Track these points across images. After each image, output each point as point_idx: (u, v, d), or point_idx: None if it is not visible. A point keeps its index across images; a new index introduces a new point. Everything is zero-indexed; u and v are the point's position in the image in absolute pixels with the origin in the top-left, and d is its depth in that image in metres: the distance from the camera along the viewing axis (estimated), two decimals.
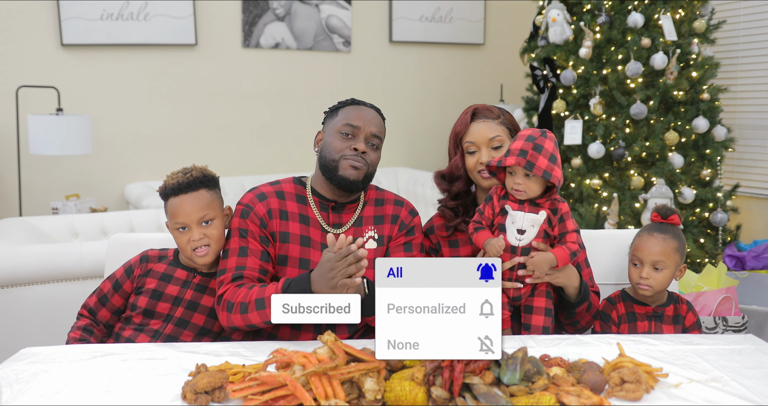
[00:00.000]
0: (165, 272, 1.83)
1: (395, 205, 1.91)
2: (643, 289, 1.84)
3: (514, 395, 1.24)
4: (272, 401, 1.23)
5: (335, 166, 1.79)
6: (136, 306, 1.82)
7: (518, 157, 1.68)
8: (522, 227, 1.72)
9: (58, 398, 1.30)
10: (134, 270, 1.85)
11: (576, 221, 3.59)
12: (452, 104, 5.45)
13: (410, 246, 1.88)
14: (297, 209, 1.84)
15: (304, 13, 4.95)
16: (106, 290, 1.85)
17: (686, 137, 3.71)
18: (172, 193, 1.79)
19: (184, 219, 1.78)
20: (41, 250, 2.57)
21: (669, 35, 3.62)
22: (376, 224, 1.87)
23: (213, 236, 1.79)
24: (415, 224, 1.91)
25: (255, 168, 4.92)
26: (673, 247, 1.83)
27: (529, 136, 1.71)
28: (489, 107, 1.92)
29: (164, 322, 1.81)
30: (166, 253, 1.88)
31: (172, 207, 1.79)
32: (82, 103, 4.36)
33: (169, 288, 1.81)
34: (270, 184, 1.88)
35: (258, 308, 1.67)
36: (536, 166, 1.67)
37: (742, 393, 1.34)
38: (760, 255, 3.33)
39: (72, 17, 4.26)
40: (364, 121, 1.83)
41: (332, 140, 1.82)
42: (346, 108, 1.87)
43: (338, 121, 1.84)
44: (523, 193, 1.72)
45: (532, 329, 1.75)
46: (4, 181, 4.25)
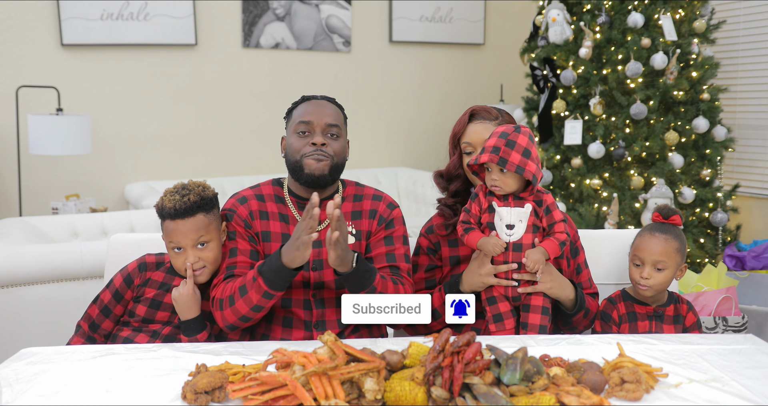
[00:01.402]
0: (163, 281, 1.82)
1: (373, 199, 1.92)
2: (644, 289, 1.84)
3: (514, 395, 1.24)
4: (272, 401, 1.23)
5: (299, 166, 1.80)
6: (135, 313, 1.82)
7: (491, 154, 1.70)
8: (510, 222, 1.74)
9: (58, 398, 1.30)
10: (134, 279, 1.83)
11: (576, 220, 3.60)
12: (452, 104, 5.45)
13: (391, 239, 1.88)
14: (276, 209, 1.87)
15: (304, 13, 4.95)
16: (107, 300, 1.83)
17: (686, 137, 3.71)
18: (168, 216, 1.78)
19: (179, 241, 1.77)
20: (41, 250, 2.57)
21: (669, 35, 3.62)
22: (354, 219, 1.88)
23: (209, 258, 1.78)
24: (394, 217, 1.91)
25: (255, 168, 4.92)
26: (674, 247, 1.84)
27: (502, 133, 1.73)
28: (487, 109, 1.93)
29: (163, 325, 1.81)
30: (163, 259, 1.87)
31: (168, 229, 1.78)
32: (82, 103, 4.37)
33: (167, 297, 1.81)
34: (250, 188, 1.92)
35: (242, 295, 1.68)
36: (509, 161, 1.69)
37: (742, 393, 1.34)
38: (760, 255, 3.33)
39: (72, 17, 4.26)
40: (316, 114, 1.82)
41: (292, 141, 1.83)
42: (298, 107, 1.87)
43: (293, 121, 1.85)
44: (500, 189, 1.74)
45: (529, 328, 1.76)
46: (4, 181, 4.25)
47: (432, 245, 1.95)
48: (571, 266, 1.93)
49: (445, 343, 1.26)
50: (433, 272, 1.96)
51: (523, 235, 1.73)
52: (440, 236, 1.95)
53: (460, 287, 1.81)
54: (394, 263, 1.86)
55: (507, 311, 1.76)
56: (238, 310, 1.70)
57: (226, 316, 1.72)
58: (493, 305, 1.77)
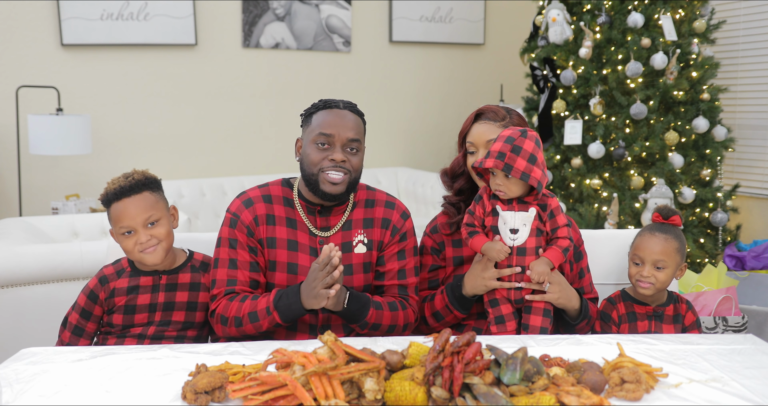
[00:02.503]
0: (129, 285, 1.79)
1: (386, 207, 1.88)
2: (644, 287, 1.84)
3: (514, 395, 1.24)
4: (272, 401, 1.23)
5: (315, 179, 1.75)
6: (114, 324, 1.80)
7: (496, 159, 1.68)
8: (514, 226, 1.73)
9: (58, 398, 1.30)
10: (98, 294, 1.80)
11: (576, 220, 3.60)
12: (452, 104, 5.45)
13: (404, 254, 1.87)
14: (284, 213, 1.82)
15: (304, 13, 4.95)
16: (76, 321, 1.82)
17: (686, 137, 3.71)
18: (114, 198, 1.75)
19: (129, 222, 1.74)
20: (41, 250, 2.56)
21: (669, 35, 3.62)
22: (366, 227, 1.84)
23: (160, 234, 1.76)
24: (407, 229, 1.88)
25: (255, 168, 4.92)
26: (674, 247, 1.84)
27: (508, 138, 1.71)
28: (495, 109, 1.90)
29: (145, 326, 1.80)
30: (120, 265, 1.84)
31: (116, 212, 1.75)
32: (82, 103, 4.36)
33: (140, 299, 1.79)
34: (258, 188, 1.86)
35: (252, 321, 1.70)
36: (514, 168, 1.67)
37: (742, 393, 1.34)
38: (760, 255, 3.33)
39: (72, 17, 4.25)
40: (338, 127, 1.74)
41: (309, 152, 1.76)
42: (318, 113, 1.78)
43: (313, 129, 1.77)
44: (504, 194, 1.74)
45: (530, 329, 1.76)
46: (4, 181, 4.25)
47: (436, 245, 1.95)
48: (573, 270, 1.93)
49: (445, 343, 1.26)
50: (436, 272, 1.96)
51: (527, 239, 1.73)
52: (445, 236, 1.94)
53: (463, 290, 1.81)
54: (404, 280, 1.85)
55: (509, 313, 1.77)
56: (244, 331, 1.72)
57: (228, 332, 1.75)
58: (496, 307, 1.77)
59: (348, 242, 1.82)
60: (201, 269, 1.86)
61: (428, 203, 4.86)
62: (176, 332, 1.81)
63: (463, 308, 1.83)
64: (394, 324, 1.78)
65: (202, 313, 1.83)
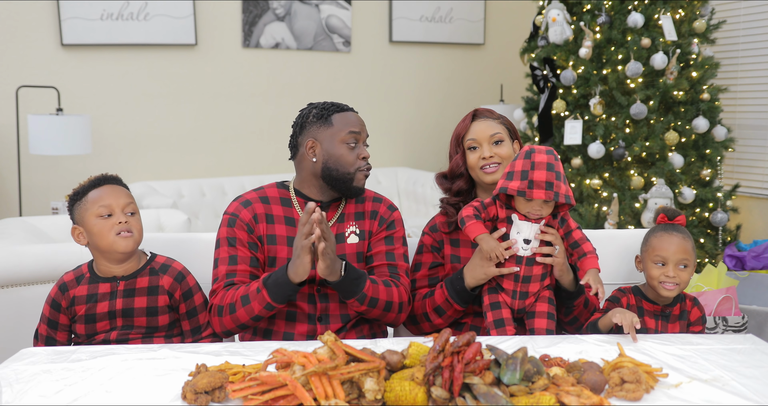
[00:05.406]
0: (88, 293, 1.79)
1: (374, 202, 1.95)
2: (670, 288, 1.81)
3: (514, 395, 1.24)
4: (272, 401, 1.23)
5: (351, 177, 1.83)
6: (78, 333, 1.80)
7: (547, 190, 1.69)
8: (528, 237, 1.76)
9: (59, 398, 1.30)
10: (60, 303, 1.80)
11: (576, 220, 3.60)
12: (452, 104, 5.45)
13: (391, 239, 1.92)
14: (282, 212, 1.88)
15: (304, 13, 4.95)
16: (45, 332, 1.82)
17: (686, 137, 3.71)
18: (94, 185, 1.76)
19: (110, 202, 1.74)
20: (41, 250, 2.56)
21: (669, 35, 3.62)
22: (357, 219, 1.91)
23: (136, 227, 1.77)
24: (394, 219, 1.94)
25: (255, 168, 4.92)
26: (691, 245, 1.85)
27: (548, 165, 1.70)
28: (488, 109, 2.00)
29: (107, 332, 1.78)
30: (80, 271, 1.83)
31: (96, 195, 1.75)
32: (82, 103, 4.36)
33: (99, 307, 1.77)
34: (254, 191, 1.92)
35: (244, 304, 1.72)
36: (560, 194, 1.71)
37: (742, 393, 1.34)
38: (760, 255, 3.33)
39: (72, 17, 4.26)
40: (360, 125, 1.87)
41: (341, 153, 1.83)
42: (336, 115, 1.86)
43: (338, 129, 1.84)
44: (539, 215, 1.76)
45: (536, 332, 1.78)
46: (4, 181, 4.25)
47: (436, 242, 1.98)
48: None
49: (445, 343, 1.26)
50: (436, 270, 1.98)
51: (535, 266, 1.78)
52: (444, 234, 1.98)
53: (465, 281, 1.82)
54: (393, 261, 1.89)
55: (509, 318, 1.78)
56: (238, 318, 1.74)
57: (224, 322, 1.76)
58: (496, 310, 1.78)
59: (341, 234, 1.88)
60: (161, 271, 1.82)
61: (428, 203, 4.87)
62: (141, 335, 1.79)
63: (463, 302, 1.85)
64: (390, 300, 1.79)
65: (164, 317, 1.81)
